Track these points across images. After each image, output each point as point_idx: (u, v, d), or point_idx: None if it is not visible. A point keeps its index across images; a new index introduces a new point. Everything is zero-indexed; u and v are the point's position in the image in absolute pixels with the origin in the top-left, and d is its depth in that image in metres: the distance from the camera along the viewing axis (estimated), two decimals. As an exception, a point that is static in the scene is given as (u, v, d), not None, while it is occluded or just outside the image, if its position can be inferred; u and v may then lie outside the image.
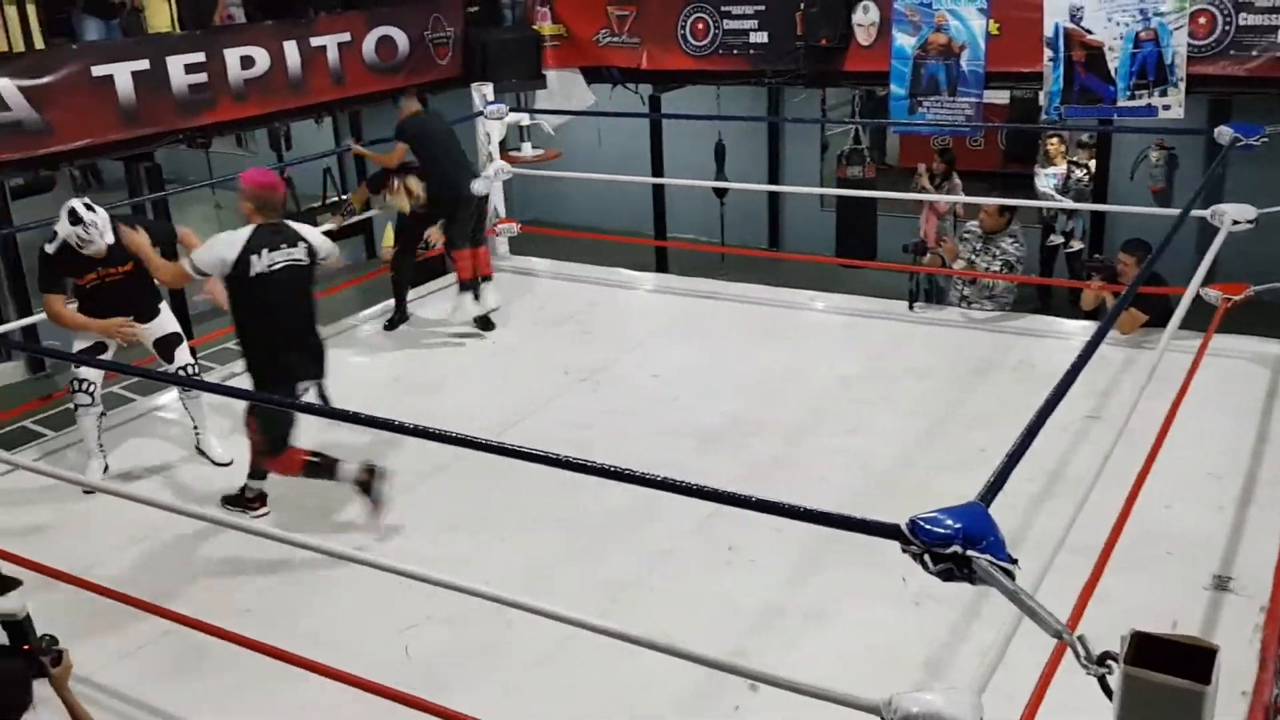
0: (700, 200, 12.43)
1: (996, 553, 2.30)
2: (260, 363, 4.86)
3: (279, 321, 4.85)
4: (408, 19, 10.68)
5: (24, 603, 3.19)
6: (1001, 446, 2.89)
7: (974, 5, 9.23)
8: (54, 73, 8.13)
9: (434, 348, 7.24)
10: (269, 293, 4.76)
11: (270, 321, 4.82)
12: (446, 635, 4.15)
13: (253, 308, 4.79)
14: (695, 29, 10.78)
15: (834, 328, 7.29)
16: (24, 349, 10.30)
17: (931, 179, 9.73)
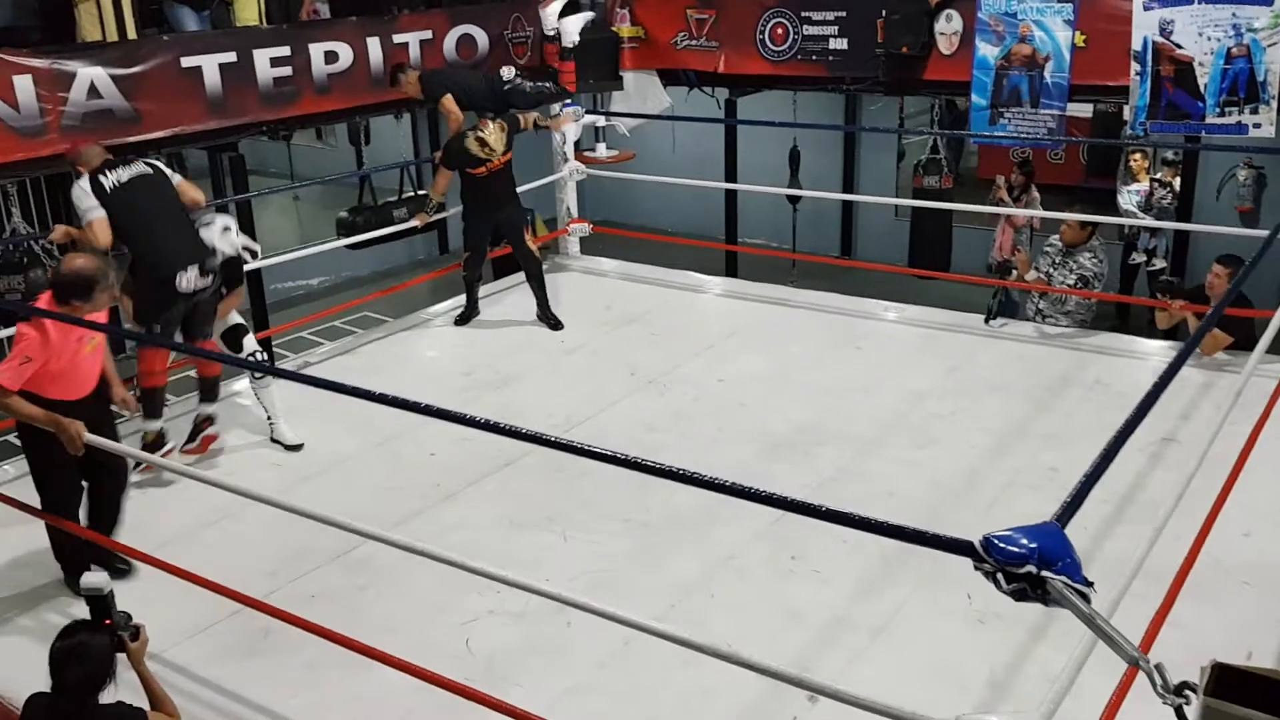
0: (772, 206, 12.37)
1: (1072, 575, 2.25)
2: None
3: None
4: (489, 18, 10.77)
5: (108, 578, 3.27)
6: (1074, 466, 2.84)
7: (1060, 16, 9.08)
8: (145, 62, 8.31)
9: (504, 344, 7.29)
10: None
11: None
12: (508, 631, 4.17)
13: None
14: (774, 34, 10.74)
15: (906, 339, 7.21)
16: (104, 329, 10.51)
17: (1010, 191, 9.58)
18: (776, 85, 11.19)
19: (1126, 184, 9.34)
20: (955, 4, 9.65)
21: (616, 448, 3.18)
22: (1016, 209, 8.93)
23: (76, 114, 7.81)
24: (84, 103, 7.90)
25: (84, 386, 4.51)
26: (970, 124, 9.74)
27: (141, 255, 5.47)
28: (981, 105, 9.53)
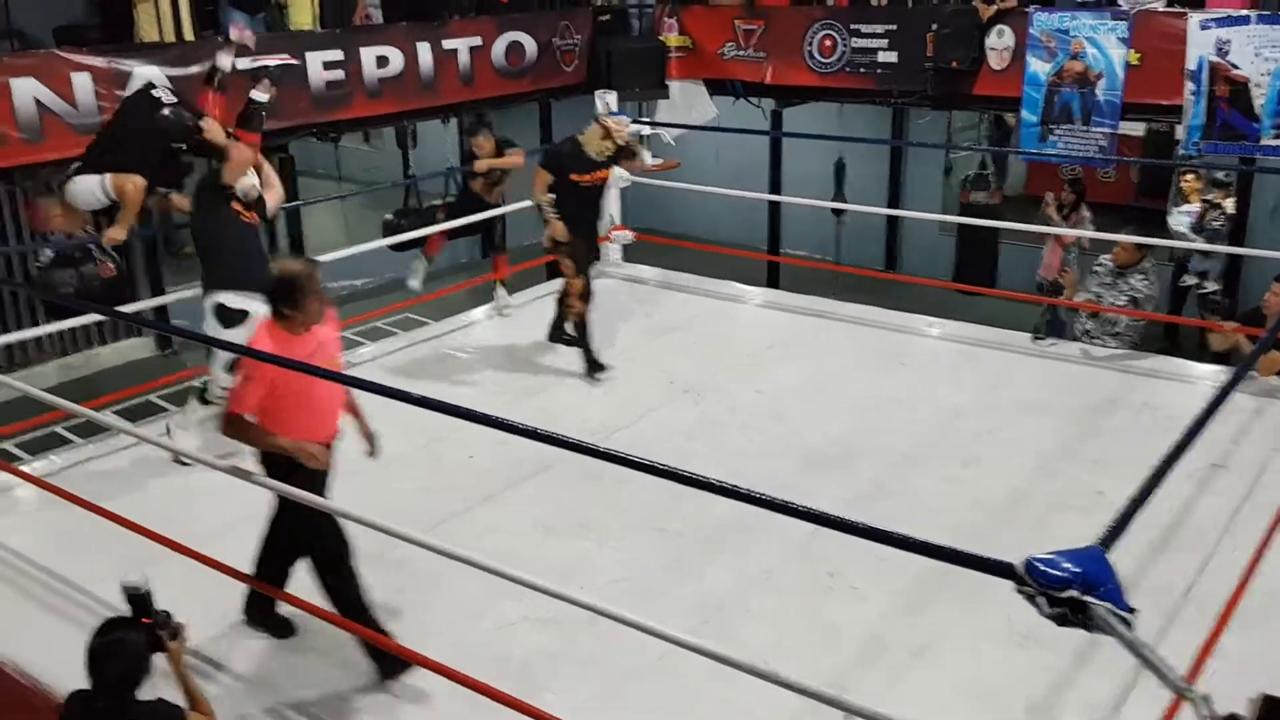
0: (816, 217, 12.33)
1: (1115, 600, 2.22)
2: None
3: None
4: (538, 26, 10.84)
5: (147, 576, 3.29)
6: (1120, 490, 2.80)
7: (1114, 34, 8.99)
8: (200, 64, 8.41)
9: (543, 349, 7.30)
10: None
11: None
12: (542, 637, 4.18)
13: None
14: (823, 46, 10.72)
15: (949, 355, 7.15)
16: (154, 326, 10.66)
17: (1059, 209, 9.48)
18: (823, 97, 11.16)
19: (1178, 205, 9.21)
20: (1007, 19, 9.59)
21: (653, 456, 3.18)
22: (1065, 227, 8.84)
23: (133, 112, 7.90)
24: (139, 101, 7.99)
25: (325, 425, 4.08)
26: (1020, 140, 9.67)
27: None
28: (1032, 122, 9.45)
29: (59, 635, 4.19)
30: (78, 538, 4.77)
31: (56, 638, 4.17)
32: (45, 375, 9.91)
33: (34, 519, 5.15)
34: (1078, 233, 8.71)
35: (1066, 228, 8.83)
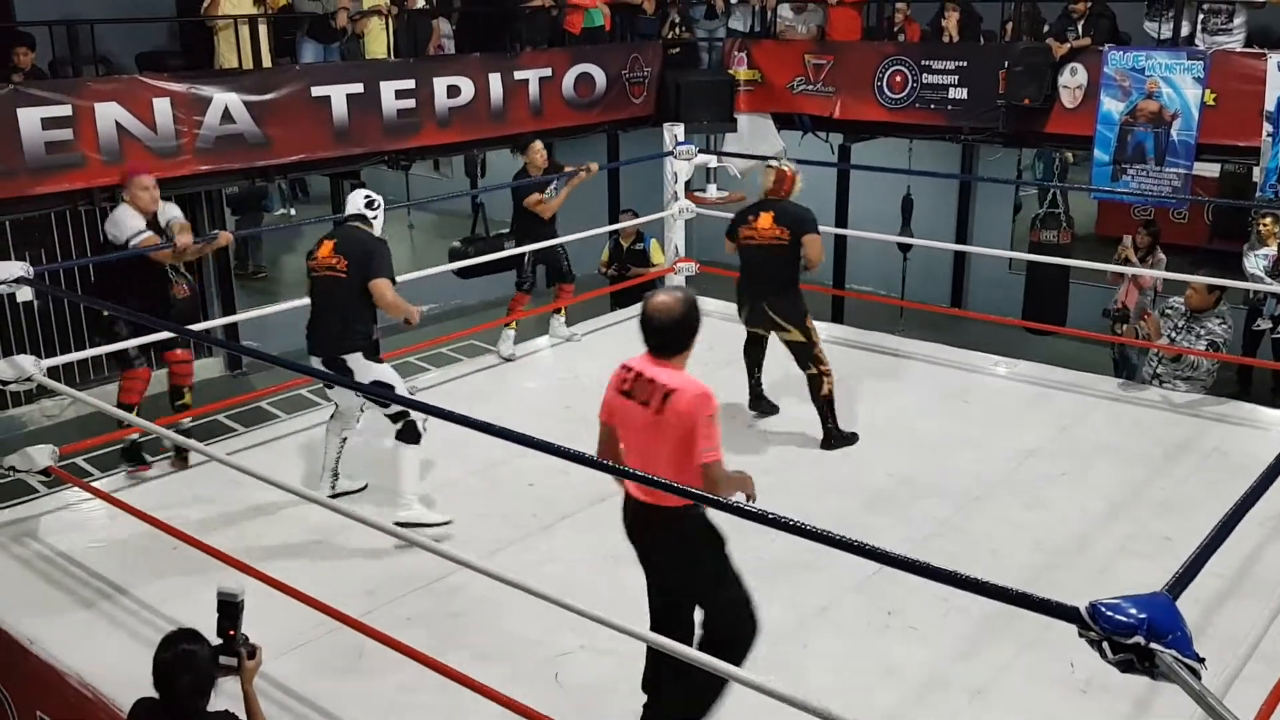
0: (882, 253, 12.26)
1: (1183, 649, 2.17)
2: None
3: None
4: (608, 58, 10.96)
5: (244, 586, 3.33)
6: (1188, 537, 2.74)
7: (1190, 74, 8.88)
8: (277, 90, 8.65)
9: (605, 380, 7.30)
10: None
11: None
12: (598, 667, 4.16)
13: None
14: (893, 81, 10.71)
15: (1017, 395, 7.04)
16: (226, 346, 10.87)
17: (1135, 251, 9.33)
18: (893, 132, 11.15)
19: (1255, 248, 9.03)
20: (1081, 57, 9.52)
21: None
22: (1143, 269, 8.69)
23: (210, 137, 8.16)
24: (217, 126, 8.25)
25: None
26: (1092, 179, 9.56)
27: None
28: (1104, 161, 9.35)
29: (122, 649, 4.27)
30: (144, 553, 4.87)
31: (119, 651, 4.25)
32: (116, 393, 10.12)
33: (101, 533, 5.25)
34: (1155, 273, 8.57)
35: (1144, 271, 8.69)
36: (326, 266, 5.20)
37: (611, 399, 3.72)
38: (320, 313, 5.28)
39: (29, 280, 5.37)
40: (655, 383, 3.58)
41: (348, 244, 5.25)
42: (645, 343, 3.66)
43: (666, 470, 3.44)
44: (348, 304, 5.19)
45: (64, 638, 4.32)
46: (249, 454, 6.11)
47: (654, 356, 3.65)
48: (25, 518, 5.33)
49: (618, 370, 3.72)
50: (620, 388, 3.67)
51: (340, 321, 5.21)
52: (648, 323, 3.64)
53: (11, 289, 5.35)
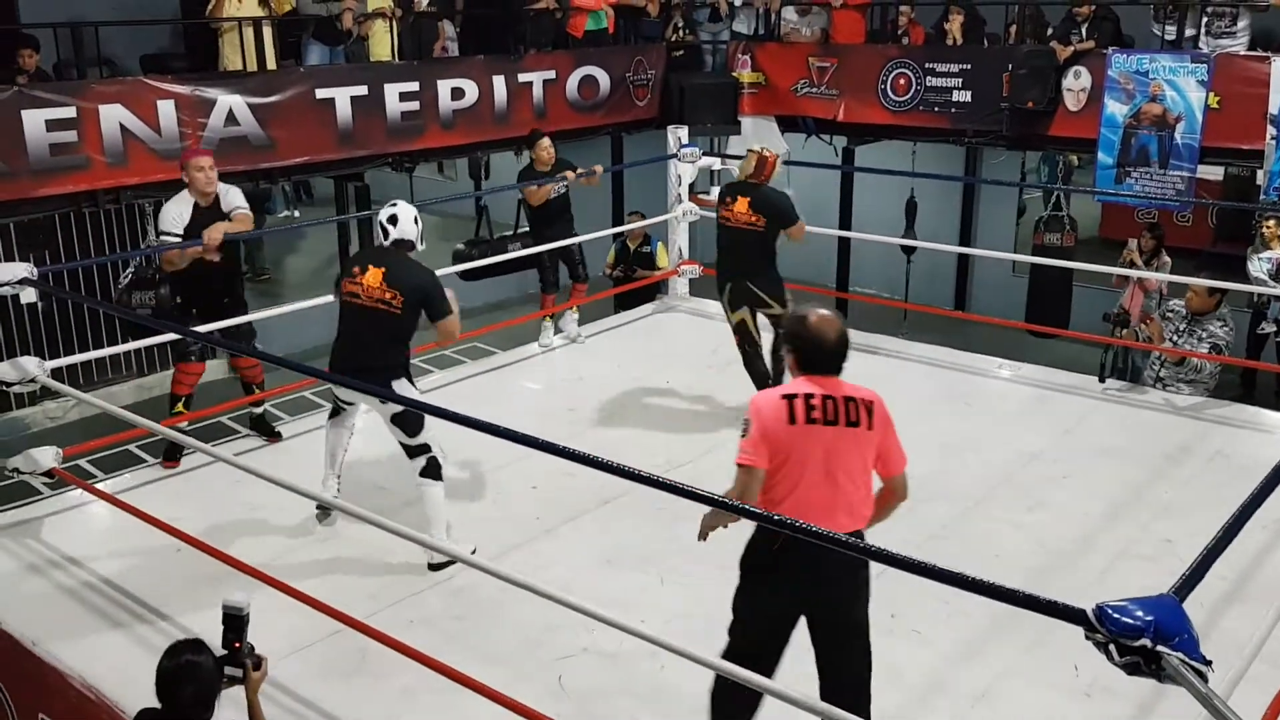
0: (886, 255, 12.25)
1: (1190, 651, 2.17)
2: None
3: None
4: (611, 61, 10.96)
5: (250, 599, 3.30)
6: (1190, 539, 2.74)
7: (1193, 77, 8.88)
8: (281, 92, 8.64)
9: (610, 381, 7.32)
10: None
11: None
12: (601, 670, 4.16)
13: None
14: (897, 84, 10.71)
15: (1019, 397, 7.04)
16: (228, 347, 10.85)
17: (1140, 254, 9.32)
18: (896, 135, 11.15)
19: (1259, 251, 9.03)
20: (1084, 60, 9.52)
21: (718, 491, 3.18)
22: (1147, 273, 8.68)
23: (214, 139, 8.16)
24: (221, 128, 8.25)
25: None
26: (1095, 182, 9.56)
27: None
28: (1108, 164, 9.35)
29: (124, 650, 4.27)
30: (147, 555, 4.87)
31: (122, 652, 4.26)
32: (122, 394, 10.14)
33: (105, 535, 5.26)
34: (1159, 276, 8.56)
35: (1149, 274, 8.67)
36: (378, 299, 4.88)
37: (791, 433, 3.37)
38: (361, 342, 4.98)
39: (33, 281, 5.37)
40: (856, 400, 3.46)
41: (402, 278, 4.90)
42: (815, 365, 3.49)
43: (867, 488, 3.48)
44: (397, 337, 4.98)
45: (66, 639, 4.32)
46: (252, 455, 6.11)
47: (826, 375, 3.47)
48: (29, 519, 5.33)
49: (781, 403, 3.40)
50: (809, 416, 3.38)
51: (384, 353, 4.97)
52: (825, 344, 3.49)
53: (15, 290, 5.35)
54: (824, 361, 3.50)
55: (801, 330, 3.54)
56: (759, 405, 3.46)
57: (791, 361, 3.59)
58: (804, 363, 3.52)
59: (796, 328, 3.57)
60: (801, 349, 3.53)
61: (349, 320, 5.00)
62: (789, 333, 3.63)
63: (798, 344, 3.54)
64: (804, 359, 3.52)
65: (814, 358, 3.50)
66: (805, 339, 3.52)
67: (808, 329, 3.52)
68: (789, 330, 3.63)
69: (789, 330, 3.63)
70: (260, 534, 5.15)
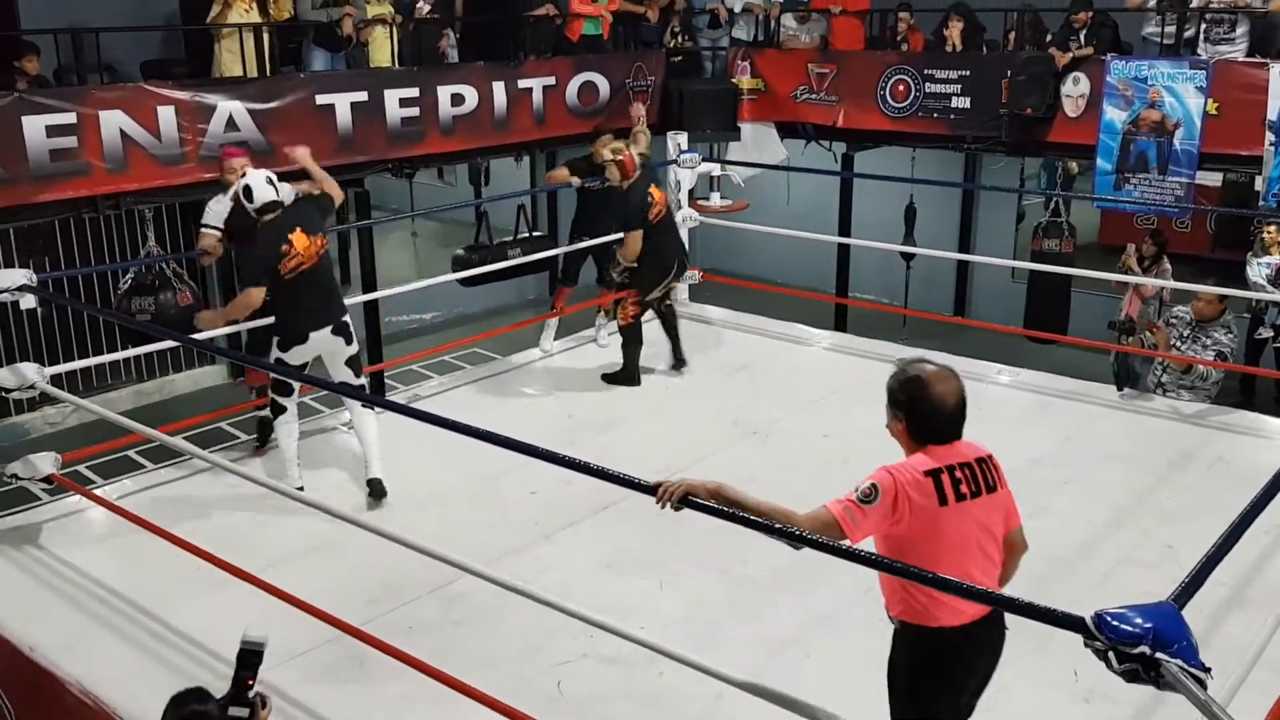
0: (885, 261, 12.26)
1: (1189, 658, 2.17)
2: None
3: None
4: (611, 67, 10.97)
5: (268, 636, 3.23)
6: (1192, 545, 2.74)
7: (1192, 83, 8.89)
8: (281, 98, 8.64)
9: (608, 387, 7.32)
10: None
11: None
12: (601, 676, 4.15)
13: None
14: (896, 90, 10.72)
15: (1019, 403, 7.04)
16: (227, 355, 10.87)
17: (1140, 261, 9.31)
18: (896, 141, 11.16)
19: (1258, 256, 9.02)
20: (1083, 67, 9.53)
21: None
22: (1146, 279, 8.67)
23: (214, 145, 8.15)
24: (221, 134, 8.24)
25: (965, 603, 2.96)
26: (1094, 188, 9.57)
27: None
28: (1107, 170, 9.36)
29: (123, 657, 4.27)
30: (145, 561, 4.86)
31: (120, 659, 4.25)
32: (120, 400, 10.15)
33: (103, 541, 5.26)
34: (1157, 282, 8.57)
35: (1147, 280, 8.67)
36: (316, 251, 5.58)
37: (944, 516, 2.99)
38: (329, 292, 5.75)
39: (32, 288, 5.37)
40: (986, 460, 3.14)
41: (314, 224, 5.67)
42: (941, 433, 3.10)
43: (1001, 549, 3.17)
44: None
45: (65, 645, 4.32)
46: (251, 461, 6.11)
47: (949, 441, 3.11)
48: (27, 525, 5.32)
49: (926, 482, 3.00)
50: (959, 492, 3.02)
51: (340, 296, 5.90)
52: (948, 409, 3.09)
53: (15, 297, 5.35)
54: (951, 428, 3.11)
55: (921, 394, 3.09)
56: (901, 482, 2.99)
57: (902, 429, 3.15)
58: (925, 432, 3.10)
59: (915, 392, 3.10)
60: (923, 416, 3.09)
61: (306, 284, 5.57)
62: (905, 398, 3.13)
63: (918, 411, 3.10)
64: (925, 428, 3.10)
65: (938, 425, 3.09)
66: (927, 405, 3.08)
67: (930, 395, 3.08)
68: (904, 395, 3.13)
69: (904, 395, 3.13)
70: (258, 540, 5.14)
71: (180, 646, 4.29)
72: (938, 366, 3.16)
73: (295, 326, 5.61)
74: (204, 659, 4.19)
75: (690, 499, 3.12)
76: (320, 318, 5.63)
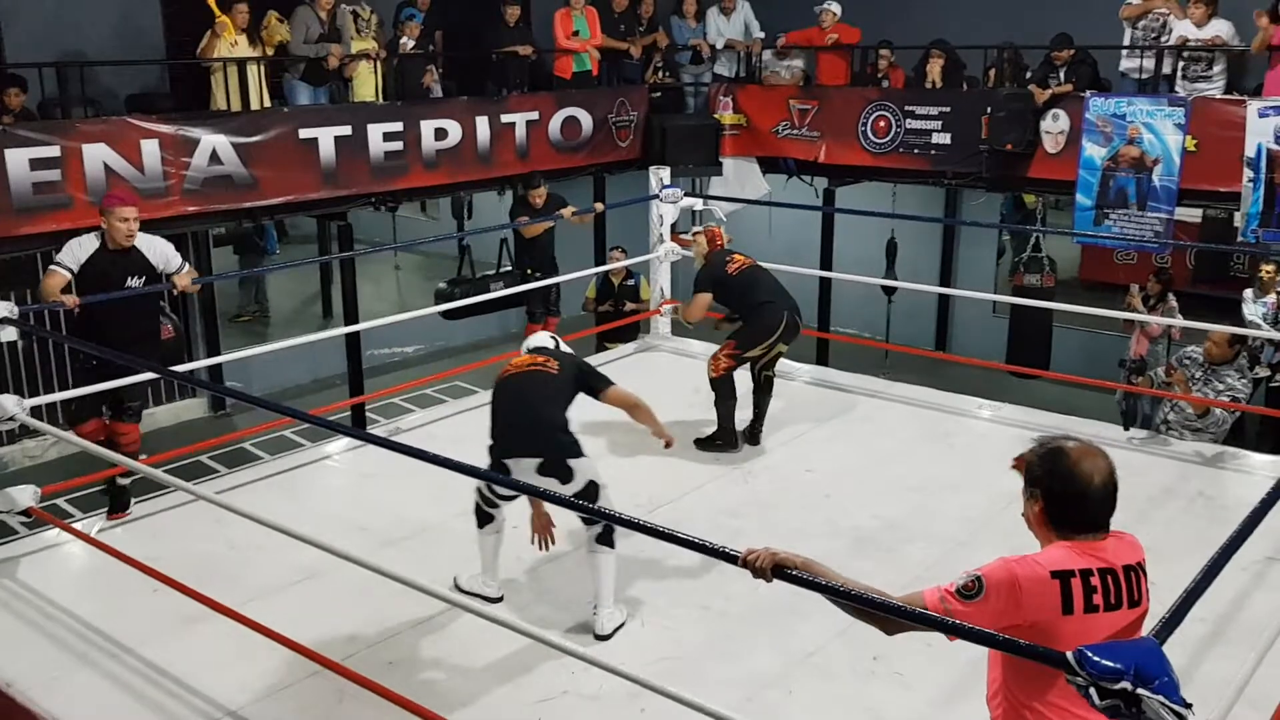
0: (867, 296, 12.33)
1: (1170, 694, 2.17)
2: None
3: None
4: (594, 102, 11.06)
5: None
6: (1172, 581, 2.75)
7: (1171, 120, 9.00)
8: (265, 132, 8.68)
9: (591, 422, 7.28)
10: None
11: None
12: (582, 712, 4.12)
13: None
14: (877, 126, 10.82)
15: (1000, 438, 7.03)
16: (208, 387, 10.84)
17: (1145, 300, 9.35)
18: (877, 177, 11.26)
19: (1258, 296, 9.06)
20: (1063, 103, 9.64)
21: (697, 533, 3.17)
22: (1149, 317, 8.69)
23: (198, 179, 8.17)
24: (205, 168, 8.27)
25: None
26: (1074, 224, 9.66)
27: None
28: (1086, 205, 9.44)
29: (99, 691, 4.23)
30: (124, 595, 4.81)
31: (98, 694, 4.21)
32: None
33: (82, 575, 5.22)
34: (1163, 320, 8.58)
35: (1153, 319, 8.70)
36: (529, 364, 4.99)
37: (1065, 626, 2.49)
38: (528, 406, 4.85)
39: (13, 320, 5.34)
40: (1134, 568, 2.64)
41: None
42: (1082, 524, 2.64)
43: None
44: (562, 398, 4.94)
45: (41, 680, 4.27)
46: (232, 494, 6.06)
47: (1095, 533, 2.64)
48: (5, 558, 5.26)
49: (1052, 585, 2.53)
50: (1090, 602, 2.53)
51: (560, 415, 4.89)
52: (1095, 493, 2.63)
53: (-4, 329, 5.33)
54: (1097, 516, 2.64)
55: (1062, 469, 2.65)
56: (1018, 578, 2.55)
57: (1039, 512, 2.69)
58: (1064, 518, 2.64)
59: (1054, 466, 2.66)
60: (1063, 498, 2.64)
61: (505, 396, 4.96)
62: (1042, 473, 2.69)
63: (1057, 490, 2.64)
64: (1065, 513, 2.64)
65: (1081, 510, 2.63)
66: (1069, 484, 2.63)
67: (1073, 472, 2.63)
68: (1041, 469, 2.69)
69: (1041, 469, 2.69)
70: (238, 574, 5.10)
71: (159, 683, 4.24)
72: (1083, 442, 2.72)
73: (492, 448, 4.79)
74: (182, 695, 4.15)
75: (781, 568, 2.86)
76: (519, 444, 4.72)
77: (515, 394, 4.90)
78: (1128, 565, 2.60)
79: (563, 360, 5.01)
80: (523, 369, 4.93)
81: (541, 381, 4.91)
